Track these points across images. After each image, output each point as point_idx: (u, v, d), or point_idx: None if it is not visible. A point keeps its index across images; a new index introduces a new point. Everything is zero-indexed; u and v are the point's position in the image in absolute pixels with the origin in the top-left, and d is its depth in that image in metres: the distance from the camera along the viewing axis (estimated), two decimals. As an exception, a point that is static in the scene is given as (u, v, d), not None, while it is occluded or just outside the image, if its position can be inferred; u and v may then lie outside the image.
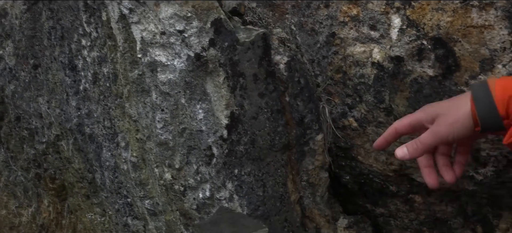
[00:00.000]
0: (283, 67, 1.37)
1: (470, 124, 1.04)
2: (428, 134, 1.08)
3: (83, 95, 1.51)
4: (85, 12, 1.36)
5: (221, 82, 1.25)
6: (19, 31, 1.62)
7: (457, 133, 1.05)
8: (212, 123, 1.27)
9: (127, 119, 1.40)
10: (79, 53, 1.45)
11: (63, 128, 1.64)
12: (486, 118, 1.01)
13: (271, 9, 1.47)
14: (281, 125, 1.36)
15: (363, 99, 1.38)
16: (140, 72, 1.30)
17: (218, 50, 1.24)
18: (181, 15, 1.21)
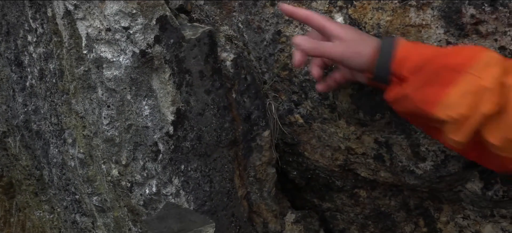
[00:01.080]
0: (230, 64, 1.38)
1: (365, 63, 1.11)
2: (330, 47, 1.13)
3: (30, 91, 1.49)
4: (31, 7, 1.35)
5: (167, 79, 1.26)
6: (-36, 27, 1.59)
7: (352, 62, 1.12)
8: (158, 119, 1.28)
9: (73, 115, 1.40)
10: (25, 49, 1.44)
11: (10, 124, 1.62)
12: (380, 65, 1.08)
13: (218, 7, 1.48)
14: (227, 122, 1.37)
15: (309, 96, 1.41)
16: (86, 69, 1.30)
17: (164, 47, 1.24)
18: (126, 11, 1.21)
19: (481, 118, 0.96)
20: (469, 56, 1.00)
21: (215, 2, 1.48)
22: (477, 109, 0.96)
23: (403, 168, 1.37)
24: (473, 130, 0.98)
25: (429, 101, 1.01)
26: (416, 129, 1.29)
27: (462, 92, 0.97)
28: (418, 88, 1.03)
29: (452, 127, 1.00)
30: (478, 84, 0.96)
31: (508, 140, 0.97)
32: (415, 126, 1.28)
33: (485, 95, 0.95)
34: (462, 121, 0.98)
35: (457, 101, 0.98)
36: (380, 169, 1.42)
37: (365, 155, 1.42)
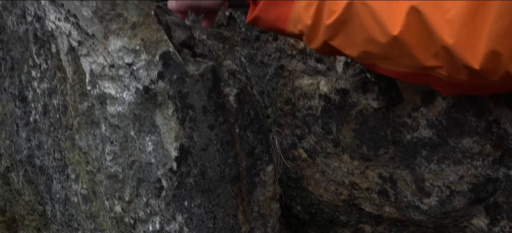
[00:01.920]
0: (233, 99, 1.38)
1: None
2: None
3: (33, 126, 1.49)
4: (35, 44, 1.36)
5: (170, 115, 1.26)
6: (-31, 62, 1.60)
7: (209, 3, 1.18)
8: (162, 155, 1.27)
9: (77, 151, 1.40)
10: (29, 85, 1.45)
11: (13, 159, 1.62)
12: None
13: (221, 42, 1.49)
14: (231, 157, 1.37)
15: (312, 130, 1.41)
16: (89, 104, 1.30)
17: (167, 83, 1.25)
18: (129, 48, 1.22)
19: (326, 28, 0.97)
20: None
21: (218, 37, 1.49)
22: (320, 18, 0.98)
23: (408, 204, 1.36)
24: (324, 38, 1.00)
25: (280, 19, 1.06)
26: (421, 165, 1.28)
27: (304, 5, 1.00)
28: (266, 9, 1.07)
29: (306, 37, 1.04)
30: None
31: (363, 53, 0.97)
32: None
33: (324, 6, 0.97)
34: (312, 30, 1.01)
35: (302, 14, 1.01)
36: (385, 204, 1.41)
37: (370, 190, 1.41)
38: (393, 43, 0.89)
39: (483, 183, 1.24)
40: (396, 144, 1.28)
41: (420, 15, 0.86)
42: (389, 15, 0.89)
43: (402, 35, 0.88)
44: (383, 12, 0.90)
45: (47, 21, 1.27)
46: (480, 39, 0.81)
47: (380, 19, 0.90)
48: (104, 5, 1.21)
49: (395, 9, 0.89)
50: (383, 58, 0.96)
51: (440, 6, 0.85)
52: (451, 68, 0.87)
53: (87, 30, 1.23)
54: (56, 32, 1.27)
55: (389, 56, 0.94)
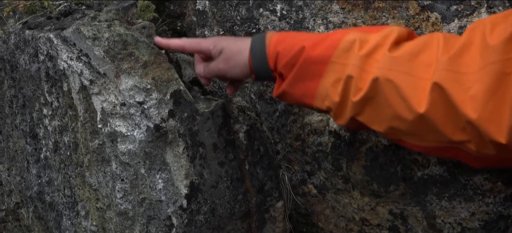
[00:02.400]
0: (243, 135, 1.39)
1: (247, 70, 1.17)
2: (214, 67, 1.21)
3: (44, 163, 1.50)
4: (47, 82, 1.37)
5: (180, 152, 1.27)
6: (-19, 99, 1.62)
7: (235, 74, 1.19)
8: (172, 193, 1.27)
9: (87, 188, 1.40)
10: (40, 122, 1.46)
11: (23, 195, 1.62)
12: (259, 68, 1.14)
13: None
14: (241, 193, 1.37)
15: (322, 167, 1.41)
16: (100, 142, 1.31)
17: (178, 121, 1.25)
18: (141, 86, 1.23)
19: (353, 105, 0.99)
20: (330, 45, 1.03)
21: (228, 74, 1.50)
22: (348, 96, 1.00)
23: (419, 240, 1.35)
24: (350, 116, 1.02)
25: (307, 95, 1.08)
26: (432, 201, 1.28)
27: (331, 82, 1.02)
28: (293, 85, 1.08)
29: (333, 113, 1.06)
30: (343, 71, 1.00)
31: (390, 128, 0.99)
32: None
33: (351, 82, 0.99)
34: (339, 107, 1.03)
35: (330, 91, 1.03)
36: (396, 241, 1.40)
37: (380, 227, 1.40)
38: (420, 120, 0.91)
39: (495, 220, 1.24)
40: (407, 181, 1.28)
41: (444, 92, 0.88)
42: (414, 92, 0.92)
43: (428, 112, 0.90)
44: (408, 89, 0.92)
45: (59, 60, 1.29)
46: (504, 113, 0.83)
47: (405, 96, 0.92)
48: (115, 45, 1.23)
49: (419, 85, 0.91)
50: (410, 134, 0.97)
51: (462, 82, 0.87)
52: (479, 143, 0.89)
53: (98, 69, 1.24)
54: (68, 71, 1.29)
55: (416, 132, 0.96)
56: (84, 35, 1.24)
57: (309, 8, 1.32)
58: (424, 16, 1.19)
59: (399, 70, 0.94)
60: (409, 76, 0.93)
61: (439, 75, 0.89)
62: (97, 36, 1.23)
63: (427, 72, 0.91)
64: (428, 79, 0.90)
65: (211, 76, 1.26)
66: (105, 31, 1.24)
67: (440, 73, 0.89)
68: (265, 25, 1.38)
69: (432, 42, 0.95)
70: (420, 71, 0.93)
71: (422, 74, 0.92)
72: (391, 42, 0.98)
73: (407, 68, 0.94)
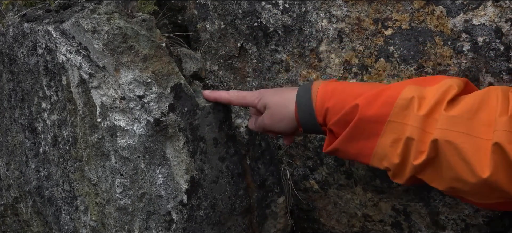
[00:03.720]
0: (244, 130, 1.37)
1: (294, 124, 1.14)
2: (261, 123, 1.20)
3: (43, 157, 1.49)
4: (46, 75, 1.35)
5: (181, 147, 1.25)
6: (-21, 93, 1.60)
7: (283, 128, 1.17)
8: (172, 188, 1.26)
9: (86, 182, 1.39)
10: (39, 116, 1.44)
11: (22, 190, 1.61)
12: (306, 123, 1.11)
13: (232, 73, 1.49)
14: (242, 189, 1.35)
15: (324, 162, 1.39)
16: (99, 136, 1.29)
17: (178, 115, 1.24)
18: (141, 80, 1.21)
19: (414, 167, 0.96)
20: (386, 102, 0.99)
21: (229, 68, 1.49)
22: (408, 158, 0.97)
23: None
24: (410, 175, 0.99)
25: (362, 154, 1.04)
26: (435, 197, 1.26)
27: (390, 142, 0.98)
28: (347, 143, 1.04)
29: (391, 173, 1.02)
30: (402, 132, 0.96)
31: (451, 188, 0.96)
32: None
33: (412, 145, 0.95)
34: (399, 168, 0.99)
35: (388, 152, 0.99)
36: (399, 237, 1.39)
37: (383, 223, 1.39)
38: (483, 183, 0.88)
39: (499, 217, 1.22)
40: (410, 176, 1.27)
41: (505, 153, 0.85)
42: (476, 154, 0.89)
43: (491, 176, 0.87)
44: (469, 151, 0.89)
45: (58, 53, 1.27)
46: None
47: (467, 159, 0.89)
48: (115, 38, 1.21)
49: (480, 147, 0.88)
50: (473, 194, 0.95)
51: None
52: None
53: (98, 63, 1.22)
54: (67, 65, 1.27)
55: (479, 192, 0.93)
56: (83, 28, 1.22)
57: (312, 1, 1.30)
58: (428, 9, 1.17)
59: (458, 130, 0.91)
60: (469, 137, 0.90)
61: (499, 136, 0.86)
62: (97, 29, 1.21)
63: (487, 133, 0.88)
64: (488, 140, 0.87)
65: (261, 131, 1.24)
66: (105, 24, 1.22)
67: (500, 133, 0.86)
68: (267, 19, 1.36)
69: (490, 98, 0.92)
70: (480, 132, 0.89)
71: (483, 135, 0.89)
72: (449, 98, 0.95)
73: (466, 129, 0.90)
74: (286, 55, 1.38)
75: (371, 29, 1.24)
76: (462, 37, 1.14)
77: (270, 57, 1.40)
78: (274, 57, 1.40)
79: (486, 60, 1.12)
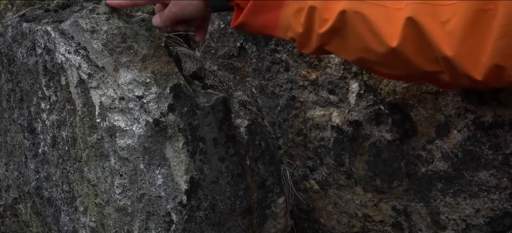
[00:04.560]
0: (244, 130, 1.37)
1: (202, 6, 1.11)
2: (168, 13, 1.14)
3: (42, 158, 1.48)
4: (45, 76, 1.35)
5: (180, 147, 1.24)
6: (-22, 93, 1.60)
7: (190, 12, 1.12)
8: (172, 188, 1.25)
9: (85, 183, 1.38)
10: (38, 116, 1.43)
11: (21, 191, 1.60)
12: (214, 4, 1.10)
13: (232, 73, 1.48)
14: (242, 189, 1.35)
15: (324, 162, 1.39)
16: (99, 137, 1.29)
17: (177, 116, 1.23)
18: (140, 80, 1.21)
19: (319, 36, 0.94)
20: None
21: (229, 68, 1.48)
22: (313, 27, 0.95)
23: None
24: (317, 46, 0.97)
25: (268, 26, 1.02)
26: (436, 197, 1.26)
27: (293, 12, 0.96)
28: (252, 16, 1.02)
29: (297, 43, 1.00)
30: (305, 1, 0.94)
31: (359, 59, 0.94)
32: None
33: (315, 13, 0.93)
34: (304, 37, 0.97)
35: (292, 21, 0.97)
36: (399, 237, 1.38)
37: (383, 223, 1.38)
38: (391, 53, 0.87)
39: (500, 216, 1.22)
40: (411, 176, 1.26)
41: (418, 27, 0.83)
42: (385, 25, 0.87)
43: (400, 46, 0.85)
44: (379, 22, 0.87)
45: (57, 53, 1.27)
46: (482, 52, 0.79)
47: (376, 30, 0.87)
48: (114, 38, 1.20)
49: (391, 18, 0.86)
50: (381, 64, 0.93)
51: (438, 15, 0.82)
52: (453, 75, 0.85)
53: (97, 63, 1.22)
54: (66, 65, 1.27)
55: (387, 63, 0.92)
56: (82, 28, 1.21)
57: (312, 1, 1.30)
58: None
59: (368, 1, 0.88)
60: (379, 7, 0.87)
61: (413, 8, 0.84)
62: (96, 29, 1.21)
63: (398, 3, 0.86)
64: (400, 10, 0.85)
65: (169, 24, 1.18)
66: (104, 24, 1.22)
67: (414, 5, 0.84)
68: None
69: None
70: (390, 1, 0.87)
71: (394, 4, 0.87)
72: None
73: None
74: (285, 54, 1.37)
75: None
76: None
77: (270, 57, 1.40)
78: (273, 57, 1.39)
79: None
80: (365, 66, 1.00)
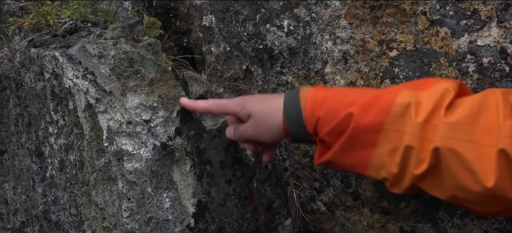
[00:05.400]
0: (250, 152, 1.37)
1: (282, 134, 1.08)
2: (243, 132, 1.14)
3: (50, 182, 1.49)
4: (52, 100, 1.36)
5: (187, 171, 1.25)
6: (-14, 117, 1.61)
7: (269, 139, 1.10)
8: (179, 212, 1.26)
9: (93, 207, 1.39)
10: (46, 140, 1.44)
11: (29, 214, 1.61)
12: (296, 134, 1.05)
13: (238, 95, 1.49)
14: (249, 211, 1.35)
15: (331, 184, 1.39)
16: (106, 161, 1.30)
17: (184, 139, 1.24)
18: (147, 104, 1.22)
19: (414, 177, 0.92)
20: (382, 109, 0.94)
21: (235, 90, 1.49)
22: (407, 167, 0.92)
23: (430, 258, 1.33)
24: (410, 185, 0.94)
25: (358, 165, 0.99)
26: (443, 218, 1.26)
27: (388, 151, 0.93)
28: (341, 154, 0.99)
29: (389, 183, 0.97)
30: (400, 140, 0.91)
31: (453, 197, 0.92)
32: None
33: (411, 153, 0.91)
34: (397, 178, 0.94)
35: (386, 161, 0.94)
36: (407, 259, 1.38)
37: (391, 244, 1.38)
38: (488, 192, 0.85)
39: (508, 237, 1.22)
40: (418, 197, 1.26)
41: (511, 159, 0.82)
42: (479, 162, 0.85)
43: (497, 184, 0.83)
44: (472, 159, 0.85)
45: (65, 78, 1.28)
46: None
47: (471, 168, 0.85)
48: (121, 62, 1.22)
49: (484, 154, 0.84)
50: (477, 203, 0.91)
51: None
52: None
53: (104, 87, 1.23)
54: (73, 89, 1.28)
55: (482, 201, 0.90)
56: (90, 53, 1.23)
57: (317, 23, 1.31)
58: (433, 31, 1.17)
59: (460, 138, 0.86)
60: (472, 144, 0.85)
61: (504, 142, 0.82)
62: (103, 54, 1.22)
63: (489, 139, 0.84)
64: (492, 146, 0.83)
65: (241, 141, 1.18)
66: (111, 48, 1.23)
67: (505, 139, 0.82)
68: (272, 41, 1.37)
69: (489, 102, 0.88)
70: (481, 138, 0.85)
71: (485, 141, 0.85)
72: (447, 103, 0.90)
73: (468, 135, 0.86)
74: (291, 77, 1.38)
75: (376, 50, 1.24)
76: (467, 58, 1.14)
77: (276, 79, 1.41)
78: (279, 79, 1.40)
79: (492, 81, 1.12)
80: (460, 204, 0.96)
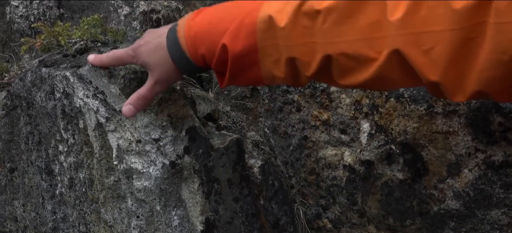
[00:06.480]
0: (257, 170, 1.39)
1: (178, 74, 1.09)
2: (147, 91, 1.13)
3: (59, 199, 1.51)
4: (63, 119, 1.38)
5: (196, 189, 1.27)
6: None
7: (174, 80, 1.13)
8: (188, 229, 1.27)
9: (102, 224, 1.40)
10: (56, 158, 1.46)
11: (38, 232, 1.63)
12: (192, 71, 1.08)
13: (245, 113, 1.51)
14: (256, 229, 1.36)
15: (337, 201, 1.41)
16: (116, 179, 1.32)
17: (193, 157, 1.26)
18: (156, 123, 1.24)
19: (307, 78, 0.95)
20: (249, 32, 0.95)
21: (242, 109, 1.51)
22: (298, 72, 0.95)
23: (436, 275, 1.34)
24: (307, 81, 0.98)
25: (255, 81, 1.02)
26: (448, 236, 1.27)
27: (271, 64, 0.96)
28: (236, 78, 1.02)
29: (286, 82, 1.00)
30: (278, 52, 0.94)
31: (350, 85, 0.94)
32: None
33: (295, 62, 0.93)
34: (292, 79, 0.97)
35: (274, 72, 0.97)
36: (413, 275, 1.39)
37: (397, 261, 1.39)
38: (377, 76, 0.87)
39: (514, 254, 1.23)
40: (423, 215, 1.28)
41: (403, 57, 0.83)
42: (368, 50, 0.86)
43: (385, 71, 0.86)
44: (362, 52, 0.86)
45: (76, 97, 1.30)
46: (466, 80, 0.80)
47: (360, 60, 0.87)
48: (131, 82, 1.24)
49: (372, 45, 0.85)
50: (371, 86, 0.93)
51: (421, 43, 0.81)
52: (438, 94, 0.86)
53: (114, 107, 1.25)
54: (84, 109, 1.30)
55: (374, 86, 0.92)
56: (100, 73, 1.25)
57: (322, 44, 1.33)
58: (437, 51, 1.19)
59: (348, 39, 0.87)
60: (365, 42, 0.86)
61: (395, 41, 0.82)
62: (113, 74, 1.25)
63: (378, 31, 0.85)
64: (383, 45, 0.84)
65: (146, 104, 1.17)
66: (121, 69, 1.25)
67: (396, 38, 0.82)
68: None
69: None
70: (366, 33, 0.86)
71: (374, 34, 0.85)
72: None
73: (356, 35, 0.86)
74: (297, 95, 1.40)
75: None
76: (471, 78, 1.16)
77: (282, 98, 1.43)
78: (285, 98, 1.42)
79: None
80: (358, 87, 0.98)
